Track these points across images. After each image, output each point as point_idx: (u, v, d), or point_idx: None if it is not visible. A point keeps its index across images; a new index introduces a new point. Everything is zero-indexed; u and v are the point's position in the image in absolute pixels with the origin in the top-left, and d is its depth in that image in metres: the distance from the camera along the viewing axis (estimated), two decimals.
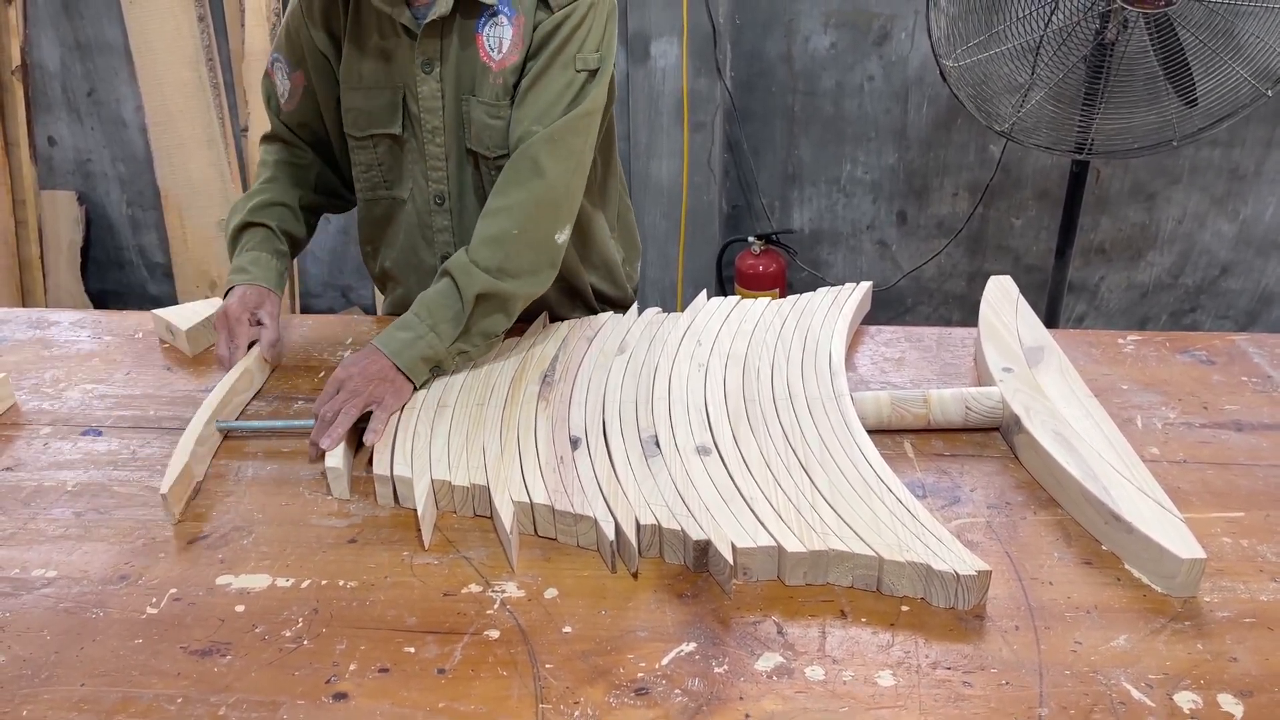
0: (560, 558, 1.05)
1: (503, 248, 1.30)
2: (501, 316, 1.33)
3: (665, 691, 0.88)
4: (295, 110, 1.50)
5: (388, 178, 1.48)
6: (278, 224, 1.49)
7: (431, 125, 1.39)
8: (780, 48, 3.02)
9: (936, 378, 1.38)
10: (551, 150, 1.31)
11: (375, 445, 1.18)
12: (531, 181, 1.31)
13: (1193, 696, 0.86)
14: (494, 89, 1.35)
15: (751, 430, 1.19)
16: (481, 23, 1.33)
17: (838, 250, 3.32)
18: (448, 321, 1.29)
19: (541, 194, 1.31)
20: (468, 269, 1.29)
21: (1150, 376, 1.37)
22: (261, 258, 1.46)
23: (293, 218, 1.52)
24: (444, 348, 1.28)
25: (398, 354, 1.26)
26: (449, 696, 0.88)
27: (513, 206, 1.31)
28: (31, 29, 3.26)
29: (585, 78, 1.34)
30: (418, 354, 1.27)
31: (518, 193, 1.31)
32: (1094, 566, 1.02)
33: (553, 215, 1.33)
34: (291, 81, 1.47)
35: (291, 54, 1.46)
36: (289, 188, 1.52)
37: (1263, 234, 3.06)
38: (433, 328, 1.28)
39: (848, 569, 0.99)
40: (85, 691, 0.89)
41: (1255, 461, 1.18)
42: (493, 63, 1.34)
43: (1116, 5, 2.24)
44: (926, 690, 0.87)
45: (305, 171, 1.55)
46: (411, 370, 1.26)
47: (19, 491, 1.18)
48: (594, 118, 1.35)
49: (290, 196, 1.52)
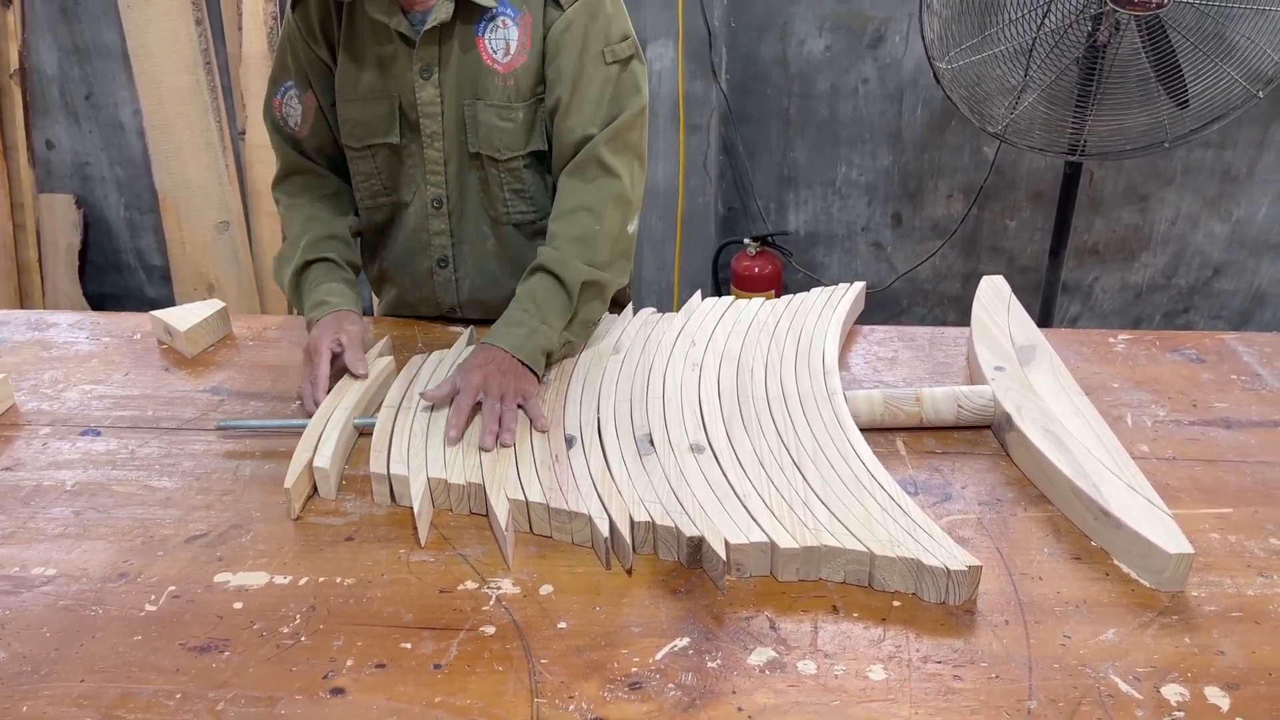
0: (555, 555, 1.06)
1: (590, 245, 1.34)
2: (599, 304, 1.39)
3: (659, 686, 0.89)
4: (311, 134, 1.48)
5: (388, 185, 1.49)
6: (338, 255, 1.47)
7: (430, 130, 1.40)
8: (775, 51, 3.03)
9: (929, 376, 1.39)
10: (615, 149, 1.36)
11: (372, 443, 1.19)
12: (601, 180, 1.36)
13: (1180, 689, 0.87)
14: (503, 91, 1.36)
15: (745, 428, 1.20)
16: (481, 26, 1.34)
17: (833, 252, 3.33)
18: (556, 313, 1.32)
19: (615, 191, 1.36)
20: (567, 262, 1.33)
21: (1140, 375, 1.38)
22: (335, 287, 1.43)
23: (346, 247, 1.50)
24: (555, 338, 1.32)
25: (518, 348, 1.28)
26: (445, 691, 0.89)
27: (590, 205, 1.35)
28: (30, 33, 3.27)
29: (619, 69, 1.37)
30: (537, 346, 1.29)
31: (591, 192, 1.35)
32: (1083, 562, 1.03)
33: (625, 209, 1.38)
34: (304, 104, 1.46)
35: (298, 76, 1.45)
36: (333, 218, 1.50)
37: (1255, 235, 3.08)
38: (544, 320, 1.31)
39: (840, 565, 1.00)
40: (85, 688, 0.90)
41: (1243, 458, 1.19)
42: (498, 65, 1.35)
43: (1108, 8, 2.26)
44: (917, 684, 0.88)
45: (337, 199, 1.52)
46: (533, 361, 1.28)
47: (18, 491, 1.19)
48: (645, 111, 1.41)
49: (338, 226, 1.49)
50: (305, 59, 1.43)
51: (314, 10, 1.40)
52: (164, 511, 1.14)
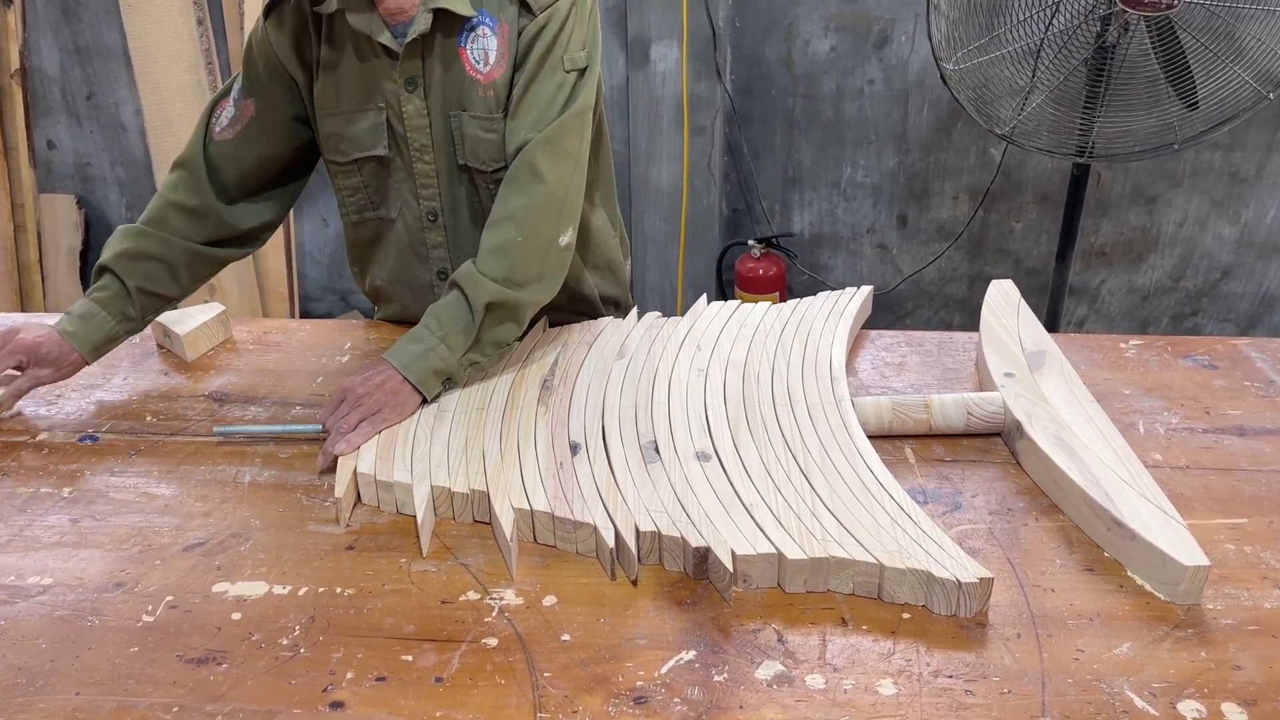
0: (559, 565, 1.04)
1: (509, 257, 1.28)
2: (512, 325, 1.31)
3: (665, 700, 0.87)
4: (231, 140, 1.41)
5: (374, 199, 1.45)
6: (139, 284, 1.38)
7: (419, 143, 1.37)
8: (780, 51, 3.01)
9: (937, 383, 1.37)
10: (548, 154, 1.30)
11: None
12: (531, 187, 1.30)
13: (1196, 705, 0.85)
14: (485, 102, 1.33)
15: (751, 436, 1.18)
16: (464, 37, 1.31)
17: (838, 254, 3.31)
18: (458, 333, 1.27)
19: (542, 199, 1.30)
20: (476, 279, 1.27)
21: (1152, 381, 1.36)
22: (98, 318, 1.36)
23: (166, 275, 1.40)
24: (455, 359, 1.27)
25: (407, 366, 1.25)
26: (447, 705, 0.87)
27: (515, 214, 1.29)
28: (31, 33, 3.26)
29: (575, 77, 1.32)
30: (428, 366, 1.25)
31: (519, 200, 1.30)
32: (1096, 573, 1.01)
33: (555, 219, 1.32)
34: (239, 109, 1.40)
35: (250, 82, 1.40)
36: (173, 238, 1.40)
37: (1264, 237, 3.06)
38: (443, 339, 1.26)
39: (848, 576, 0.98)
40: (80, 700, 0.88)
41: (1258, 467, 1.17)
42: (480, 75, 1.32)
43: (1117, 8, 2.24)
44: (928, 699, 0.87)
45: (201, 221, 1.42)
46: (422, 383, 1.25)
47: (15, 498, 1.18)
48: (586, 116, 1.34)
49: (173, 251, 1.40)
50: (265, 66, 1.38)
51: (289, 22, 1.35)
52: (162, 519, 1.13)
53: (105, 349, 1.38)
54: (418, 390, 1.25)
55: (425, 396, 1.26)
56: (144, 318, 1.41)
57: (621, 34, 2.99)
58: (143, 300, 1.39)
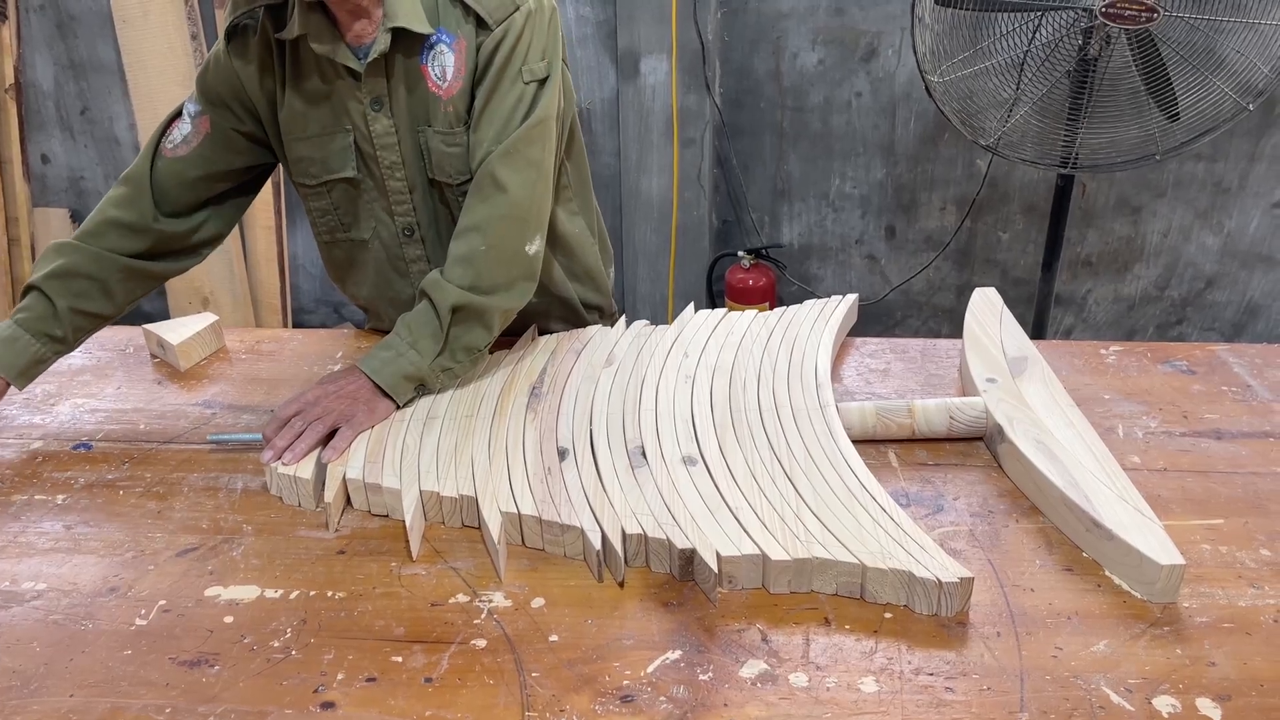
0: (547, 568, 1.06)
1: (473, 265, 1.30)
2: (481, 330, 1.32)
3: (651, 699, 0.88)
4: (183, 158, 1.39)
5: (345, 221, 1.46)
6: (71, 303, 1.34)
7: (389, 161, 1.38)
8: (769, 64, 3.05)
9: (921, 388, 1.39)
10: (509, 163, 1.31)
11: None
12: (494, 197, 1.31)
13: (1171, 700, 0.87)
14: (446, 117, 1.34)
15: (737, 441, 1.20)
16: (425, 55, 1.32)
17: (827, 264, 3.34)
18: (427, 338, 1.29)
19: (505, 209, 1.31)
20: (440, 285, 1.29)
21: (1132, 386, 1.38)
22: (21, 341, 1.32)
23: (99, 293, 1.37)
24: (426, 364, 1.28)
25: (377, 372, 1.26)
26: (436, 705, 0.88)
27: (479, 224, 1.31)
28: (25, 48, 3.28)
29: (535, 88, 1.33)
30: (399, 371, 1.27)
31: (483, 210, 1.31)
32: (1075, 573, 1.03)
33: (519, 228, 1.33)
34: (195, 126, 1.39)
35: (205, 97, 1.39)
36: (106, 254, 1.37)
37: (1247, 246, 3.09)
38: (413, 345, 1.28)
39: (831, 577, 1.00)
40: (74, 702, 0.90)
41: (1235, 469, 1.19)
42: (441, 91, 1.33)
43: (1099, 22, 2.28)
44: (909, 696, 0.88)
45: (139, 238, 1.39)
46: (393, 388, 1.27)
47: (9, 505, 1.19)
48: (548, 125, 1.34)
49: (106, 268, 1.36)
50: (225, 85, 1.37)
51: (252, 49, 1.34)
52: (155, 525, 1.14)
53: (34, 372, 1.33)
54: (389, 396, 1.27)
55: (397, 402, 1.27)
56: (75, 338, 1.37)
57: (612, 48, 3.02)
58: (74, 320, 1.35)
